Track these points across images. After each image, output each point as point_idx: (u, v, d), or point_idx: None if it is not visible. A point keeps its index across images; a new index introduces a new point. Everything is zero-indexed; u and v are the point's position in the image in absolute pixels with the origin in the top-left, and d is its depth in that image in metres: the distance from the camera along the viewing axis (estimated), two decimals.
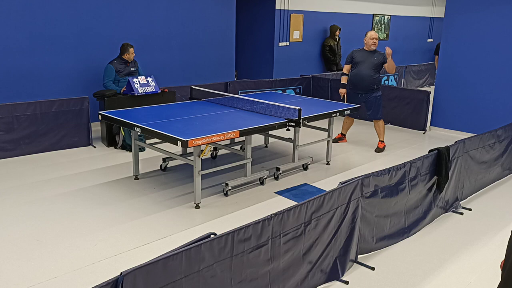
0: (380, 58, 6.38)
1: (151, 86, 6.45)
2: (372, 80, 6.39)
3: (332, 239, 3.22)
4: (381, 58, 6.38)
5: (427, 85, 13.30)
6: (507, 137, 5.35)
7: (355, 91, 6.53)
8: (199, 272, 2.39)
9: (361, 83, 6.43)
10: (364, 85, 6.42)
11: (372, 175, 3.47)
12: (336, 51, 11.08)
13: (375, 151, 6.60)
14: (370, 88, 6.43)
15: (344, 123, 7.01)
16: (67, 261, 3.45)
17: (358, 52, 6.53)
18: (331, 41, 11.06)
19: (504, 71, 7.05)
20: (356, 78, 6.48)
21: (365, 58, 6.41)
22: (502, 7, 6.93)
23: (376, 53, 6.43)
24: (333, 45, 11.05)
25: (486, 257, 3.69)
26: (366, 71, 6.39)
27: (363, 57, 6.45)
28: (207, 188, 4.93)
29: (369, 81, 6.39)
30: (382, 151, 6.59)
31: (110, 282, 2.00)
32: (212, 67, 8.83)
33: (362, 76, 6.41)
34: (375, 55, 6.41)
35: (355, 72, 6.49)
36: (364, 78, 6.40)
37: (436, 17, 15.24)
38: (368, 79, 6.38)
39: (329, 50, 11.05)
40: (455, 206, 4.60)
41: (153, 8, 7.76)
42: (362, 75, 6.41)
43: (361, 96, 6.48)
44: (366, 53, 6.46)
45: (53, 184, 4.96)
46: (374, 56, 6.39)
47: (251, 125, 4.62)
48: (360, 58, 6.47)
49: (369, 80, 6.38)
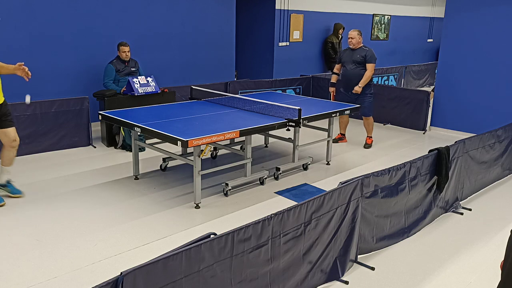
0: (362, 53, 6.39)
1: (151, 86, 6.45)
2: (358, 78, 6.41)
3: (332, 239, 3.22)
4: (363, 54, 6.38)
5: (427, 85, 13.31)
6: (507, 137, 5.34)
7: (345, 90, 6.62)
8: (199, 272, 2.39)
9: (349, 82, 6.53)
10: (352, 84, 6.48)
11: (372, 175, 3.47)
12: (338, 49, 11.07)
13: (364, 147, 6.78)
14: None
15: (340, 122, 7.02)
16: (67, 261, 3.45)
17: (345, 52, 6.66)
18: (334, 38, 11.05)
19: (504, 71, 7.05)
20: (344, 77, 6.62)
21: (349, 57, 6.51)
22: (502, 7, 6.93)
23: (359, 50, 6.45)
24: (336, 43, 11.04)
25: (486, 257, 3.69)
26: (351, 70, 6.48)
27: (347, 56, 6.54)
28: (207, 188, 4.93)
29: (355, 79, 6.43)
30: (370, 146, 6.79)
31: (110, 282, 2.00)
32: (212, 67, 8.82)
33: (348, 75, 6.53)
34: (357, 52, 6.44)
35: (343, 72, 6.65)
36: (350, 77, 6.50)
37: (436, 17, 15.24)
38: (354, 77, 6.44)
39: (331, 47, 11.03)
40: (455, 206, 4.60)
41: (153, 8, 7.76)
42: (348, 74, 6.52)
43: (351, 94, 6.52)
44: (350, 51, 6.55)
45: (53, 184, 4.96)
46: (357, 53, 6.43)
47: (251, 125, 4.62)
48: (345, 57, 6.59)
49: (355, 78, 6.43)
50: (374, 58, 6.41)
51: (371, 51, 6.43)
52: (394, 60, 13.70)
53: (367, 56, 6.36)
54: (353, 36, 6.44)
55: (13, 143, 4.41)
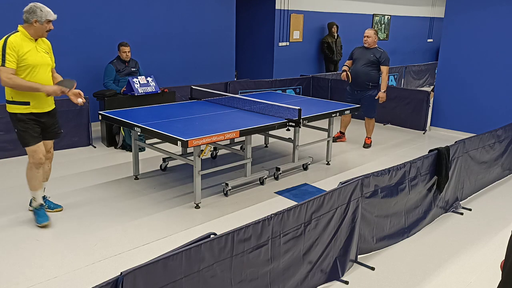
0: (377, 54, 6.40)
1: (151, 86, 6.45)
2: (367, 76, 6.43)
3: (332, 239, 3.22)
4: (378, 55, 6.39)
5: (427, 85, 13.31)
6: (507, 137, 5.34)
7: (353, 88, 6.63)
8: (199, 272, 2.39)
9: (357, 79, 6.53)
10: (360, 82, 6.49)
11: (372, 175, 3.47)
12: (334, 48, 11.04)
13: (363, 146, 6.79)
14: (366, 85, 6.48)
15: (342, 121, 7.04)
16: (67, 261, 3.45)
17: (358, 49, 6.65)
18: (329, 38, 11.04)
19: (504, 71, 7.05)
20: (353, 74, 6.59)
21: (362, 55, 6.50)
22: (502, 7, 6.93)
23: (373, 50, 6.46)
24: (331, 42, 11.02)
25: (486, 257, 3.69)
26: (361, 68, 6.48)
27: (361, 54, 6.54)
28: (207, 188, 4.93)
29: (363, 77, 6.45)
30: (369, 146, 6.80)
31: (110, 282, 2.00)
32: (212, 67, 8.83)
33: (357, 72, 6.51)
34: (372, 51, 6.44)
35: (353, 68, 6.61)
36: (359, 74, 6.49)
37: (436, 17, 15.24)
38: (363, 75, 6.45)
39: (327, 47, 11.03)
40: (455, 206, 4.60)
41: (153, 8, 7.76)
42: (358, 71, 6.51)
43: (357, 93, 6.55)
44: (364, 50, 6.54)
45: (53, 184, 4.96)
46: (371, 53, 6.43)
47: (251, 125, 4.62)
48: (358, 55, 6.58)
49: (364, 76, 6.44)
50: (388, 60, 6.45)
51: (386, 54, 6.44)
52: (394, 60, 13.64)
53: (382, 58, 6.37)
54: (369, 35, 6.44)
55: (48, 154, 4.11)
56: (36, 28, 3.72)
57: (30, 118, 3.82)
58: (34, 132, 3.86)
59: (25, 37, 3.71)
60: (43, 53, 3.84)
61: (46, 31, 3.79)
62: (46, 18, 3.73)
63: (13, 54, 3.60)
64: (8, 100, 3.79)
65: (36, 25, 3.71)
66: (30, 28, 3.72)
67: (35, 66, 3.73)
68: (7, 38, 3.64)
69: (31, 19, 3.69)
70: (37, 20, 3.69)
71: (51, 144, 4.16)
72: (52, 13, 3.78)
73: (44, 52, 3.86)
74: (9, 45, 3.59)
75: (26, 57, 3.67)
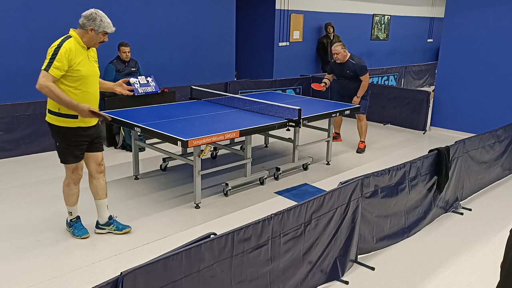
0: (351, 68, 6.24)
1: (151, 86, 6.45)
2: (355, 89, 6.37)
3: (332, 239, 3.22)
4: (352, 68, 6.23)
5: (427, 85, 13.31)
6: (507, 137, 5.35)
7: (341, 95, 6.60)
8: (199, 272, 2.39)
9: (344, 92, 6.53)
10: (349, 94, 6.46)
11: (372, 175, 3.47)
12: (329, 49, 10.99)
13: (356, 151, 6.55)
14: (355, 94, 6.41)
15: (334, 122, 6.97)
16: (67, 261, 3.45)
17: (335, 64, 6.48)
18: (324, 39, 10.97)
19: (504, 71, 7.05)
20: (339, 87, 6.61)
21: (340, 70, 6.41)
22: (502, 7, 6.93)
23: (347, 64, 6.28)
24: (326, 43, 10.92)
25: (486, 257, 3.69)
26: (345, 82, 6.46)
27: (338, 69, 6.44)
28: (207, 188, 4.93)
29: (352, 91, 6.41)
30: (363, 151, 6.54)
31: (110, 282, 2.00)
32: (212, 67, 8.82)
33: (343, 86, 6.51)
34: (346, 66, 6.29)
35: (338, 83, 6.61)
36: (345, 88, 6.49)
37: (436, 17, 15.24)
38: (351, 89, 6.42)
39: (321, 47, 10.99)
40: (455, 206, 4.60)
41: (153, 8, 7.76)
42: (343, 86, 6.51)
43: (346, 99, 6.49)
44: (339, 65, 6.40)
45: (53, 184, 4.96)
46: (346, 68, 6.29)
47: (251, 125, 4.62)
48: (336, 70, 6.50)
49: (353, 90, 6.40)
50: (365, 68, 6.22)
51: (360, 62, 6.22)
52: (394, 60, 13.70)
53: (358, 70, 6.20)
54: (337, 51, 6.22)
55: (100, 167, 3.81)
56: (90, 37, 3.46)
57: (77, 133, 3.53)
58: (78, 150, 3.60)
59: (78, 44, 3.44)
60: (94, 63, 3.59)
61: (99, 42, 3.54)
62: (104, 29, 3.48)
63: (65, 63, 3.32)
64: (52, 111, 3.49)
65: (90, 34, 3.44)
66: (84, 36, 3.46)
67: (88, 76, 3.47)
68: (62, 43, 3.37)
69: (88, 26, 3.43)
70: (94, 28, 3.43)
71: (101, 156, 3.82)
72: (112, 26, 3.53)
73: (94, 61, 3.62)
74: (63, 53, 3.32)
75: (79, 68, 3.40)
